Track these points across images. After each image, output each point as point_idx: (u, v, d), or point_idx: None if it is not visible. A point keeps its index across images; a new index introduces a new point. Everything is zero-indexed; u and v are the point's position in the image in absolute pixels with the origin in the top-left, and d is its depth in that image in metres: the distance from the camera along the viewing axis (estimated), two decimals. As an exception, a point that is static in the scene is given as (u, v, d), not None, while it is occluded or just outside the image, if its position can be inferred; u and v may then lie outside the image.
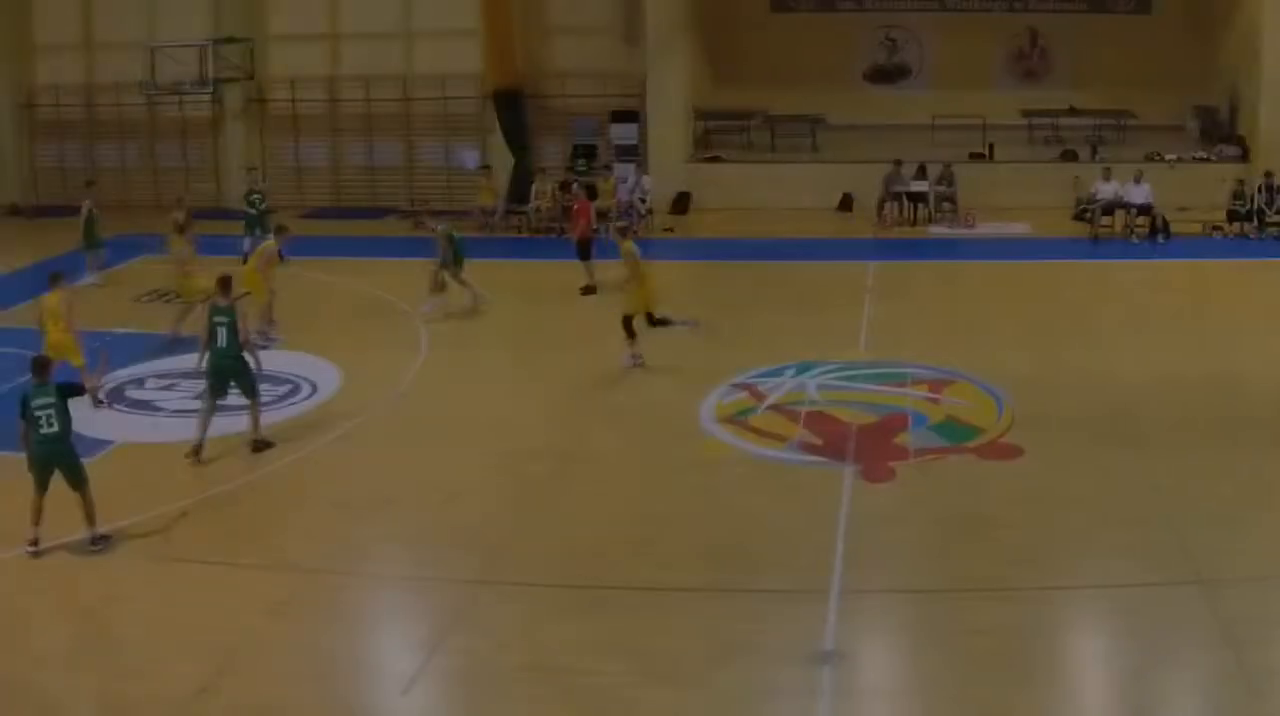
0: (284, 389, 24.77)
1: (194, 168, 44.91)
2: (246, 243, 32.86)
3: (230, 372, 21.43)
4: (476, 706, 14.37)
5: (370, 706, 14.55)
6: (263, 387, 24.26)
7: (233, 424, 22.47)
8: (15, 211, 44.55)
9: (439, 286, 29.65)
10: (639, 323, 25.46)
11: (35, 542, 17.77)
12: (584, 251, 31.18)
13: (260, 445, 21.72)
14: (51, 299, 23.59)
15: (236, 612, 16.19)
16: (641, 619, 15.98)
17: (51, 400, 17.70)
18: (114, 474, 20.67)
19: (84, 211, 34.14)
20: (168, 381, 24.90)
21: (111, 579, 17.28)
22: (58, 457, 17.80)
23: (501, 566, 17.43)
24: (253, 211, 35.29)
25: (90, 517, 18.02)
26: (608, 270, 27.03)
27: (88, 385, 19.35)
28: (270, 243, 27.38)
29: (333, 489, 20.18)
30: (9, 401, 18.89)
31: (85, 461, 20.88)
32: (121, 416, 23.43)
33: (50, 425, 17.65)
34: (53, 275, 24.41)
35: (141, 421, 23.03)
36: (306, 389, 24.77)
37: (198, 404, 23.26)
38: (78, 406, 18.43)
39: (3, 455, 19.41)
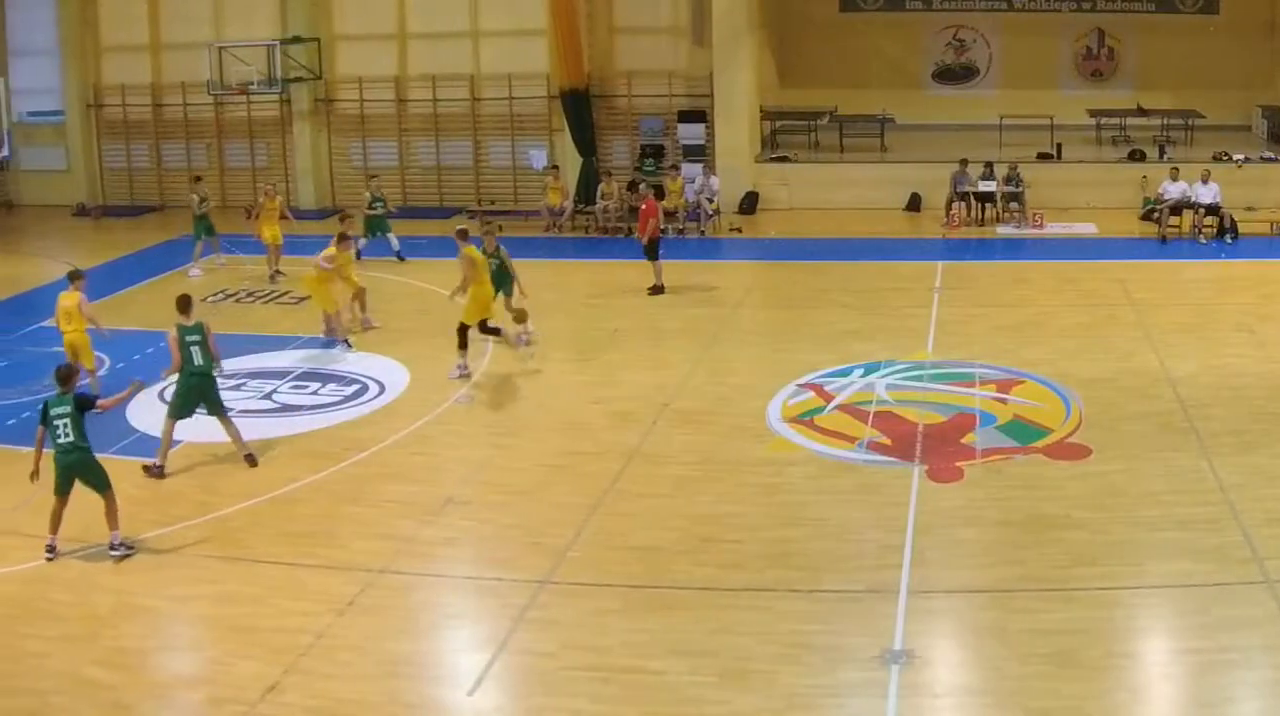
0: (352, 389, 24.87)
1: (261, 168, 45.17)
2: (361, 242, 33.87)
3: (203, 390, 21.13)
4: (542, 706, 14.32)
5: (436, 706, 14.55)
6: (331, 388, 24.48)
7: (294, 425, 22.96)
8: (81, 212, 44.92)
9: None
10: (473, 332, 25.32)
11: (53, 548, 17.80)
12: (651, 251, 31.15)
13: (252, 459, 21.29)
14: (69, 298, 23.64)
15: (303, 612, 16.26)
16: (707, 618, 15.94)
17: (68, 410, 17.71)
18: (179, 474, 20.84)
19: (195, 203, 35.04)
20: (235, 381, 24.82)
21: (178, 578, 17.37)
22: (77, 467, 17.75)
23: (566, 566, 17.42)
24: (373, 212, 36.08)
25: (112, 521, 17.95)
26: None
27: (100, 403, 19.13)
28: (331, 250, 27.45)
29: (398, 489, 20.23)
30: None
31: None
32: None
33: (66, 434, 17.67)
34: (70, 274, 24.50)
35: (208, 422, 23.09)
36: (374, 389, 24.83)
37: (265, 404, 23.48)
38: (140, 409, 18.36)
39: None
